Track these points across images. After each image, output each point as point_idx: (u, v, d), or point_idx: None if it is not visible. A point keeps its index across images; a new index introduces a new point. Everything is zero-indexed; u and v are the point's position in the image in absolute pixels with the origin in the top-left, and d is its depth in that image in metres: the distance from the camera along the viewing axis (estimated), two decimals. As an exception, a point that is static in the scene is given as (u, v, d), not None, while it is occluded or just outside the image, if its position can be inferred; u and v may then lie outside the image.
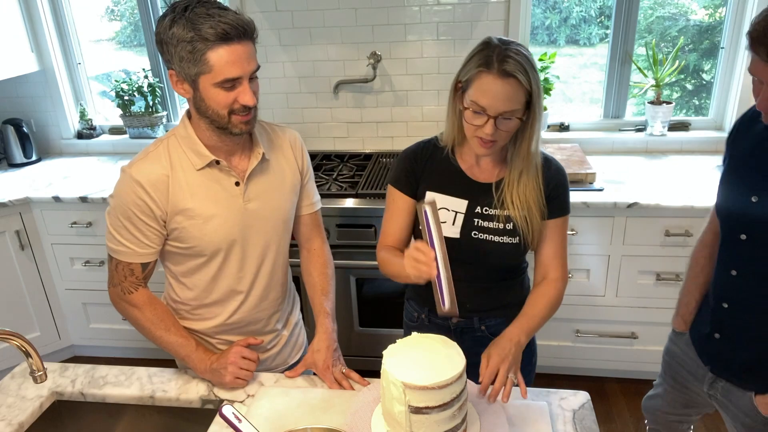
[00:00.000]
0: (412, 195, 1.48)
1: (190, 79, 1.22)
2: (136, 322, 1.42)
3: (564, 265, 1.48)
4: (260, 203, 1.40)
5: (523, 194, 1.39)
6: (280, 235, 1.48)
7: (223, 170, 1.35)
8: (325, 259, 1.60)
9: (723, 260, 1.41)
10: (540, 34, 2.95)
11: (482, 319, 1.53)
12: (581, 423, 1.26)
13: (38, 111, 3.21)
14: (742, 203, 1.32)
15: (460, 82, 1.34)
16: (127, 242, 1.34)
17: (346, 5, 2.77)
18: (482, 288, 1.50)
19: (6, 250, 2.69)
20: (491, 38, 1.30)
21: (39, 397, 1.40)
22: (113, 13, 3.34)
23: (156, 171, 1.31)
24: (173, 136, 1.35)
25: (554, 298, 1.44)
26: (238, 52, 1.19)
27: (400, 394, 1.06)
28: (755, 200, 1.30)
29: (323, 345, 1.46)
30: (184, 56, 1.19)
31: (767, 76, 1.19)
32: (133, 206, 1.30)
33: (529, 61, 1.27)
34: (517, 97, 1.27)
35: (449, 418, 1.09)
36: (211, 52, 1.17)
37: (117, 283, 1.39)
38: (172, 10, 1.19)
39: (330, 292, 1.57)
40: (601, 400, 2.57)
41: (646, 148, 2.83)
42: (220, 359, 1.39)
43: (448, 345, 1.16)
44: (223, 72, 1.19)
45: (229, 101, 1.23)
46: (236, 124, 1.27)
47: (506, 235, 1.42)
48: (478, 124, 1.30)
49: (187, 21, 1.16)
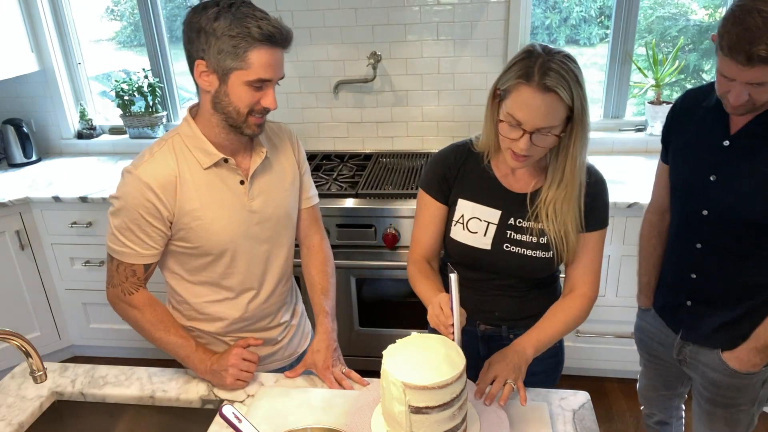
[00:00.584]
0: (443, 201, 1.43)
1: (221, 71, 1.23)
2: (136, 323, 1.41)
3: (595, 282, 1.40)
4: (264, 200, 1.41)
5: (560, 211, 1.32)
6: (285, 231, 1.48)
7: (230, 169, 1.35)
8: (324, 256, 1.59)
9: (685, 235, 1.53)
10: (540, 34, 2.95)
11: (511, 328, 1.49)
12: (581, 423, 1.26)
13: (38, 111, 3.21)
14: (701, 182, 1.44)
15: (498, 90, 1.26)
16: (132, 244, 1.33)
17: (346, 5, 2.77)
18: (511, 297, 1.46)
19: (6, 250, 2.69)
20: (535, 46, 1.21)
21: (39, 397, 1.40)
22: (113, 13, 3.34)
23: (164, 172, 1.30)
24: (177, 135, 1.34)
25: (576, 314, 1.38)
26: (276, 56, 1.24)
27: (400, 394, 1.06)
28: (713, 179, 1.43)
29: (323, 345, 1.46)
30: (224, 49, 1.20)
31: (743, 77, 1.25)
32: (140, 208, 1.29)
33: (574, 74, 1.19)
34: (556, 113, 1.19)
35: (449, 417, 1.09)
36: (253, 50, 1.20)
37: (117, 283, 1.39)
38: (216, 3, 1.21)
39: (330, 290, 1.56)
40: (601, 400, 2.57)
41: (646, 148, 2.83)
42: (220, 360, 1.38)
43: (448, 345, 1.16)
44: (258, 72, 1.22)
45: (253, 101, 1.26)
46: (251, 124, 1.29)
47: (539, 249, 1.36)
48: (512, 138, 1.23)
49: (234, 17, 1.19)
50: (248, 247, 1.41)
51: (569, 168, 1.29)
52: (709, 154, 1.44)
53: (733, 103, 1.30)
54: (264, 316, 1.52)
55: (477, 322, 1.50)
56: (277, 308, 1.54)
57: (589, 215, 1.35)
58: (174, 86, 3.25)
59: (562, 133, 1.24)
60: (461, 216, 1.41)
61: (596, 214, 1.36)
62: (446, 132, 2.92)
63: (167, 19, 3.18)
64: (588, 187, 1.33)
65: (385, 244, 2.43)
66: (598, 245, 1.39)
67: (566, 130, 1.24)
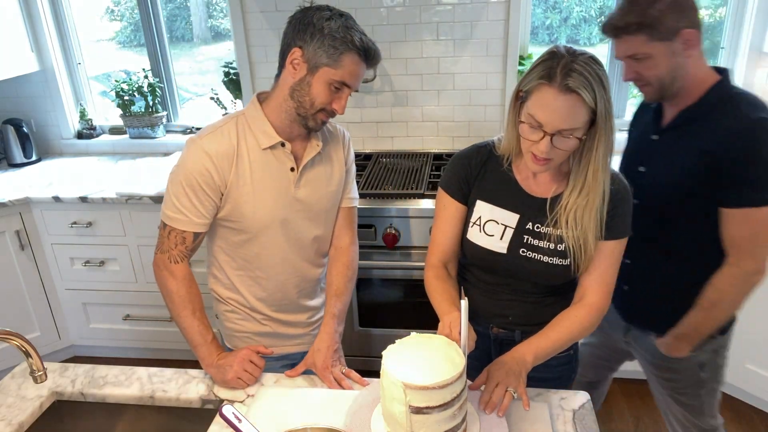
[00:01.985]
0: (463, 201, 1.41)
1: (312, 63, 1.34)
2: (169, 294, 1.45)
3: (607, 293, 1.35)
4: (309, 191, 1.48)
5: (580, 219, 1.29)
6: (323, 224, 1.55)
7: (284, 154, 1.43)
8: (349, 259, 1.62)
9: None
10: (540, 34, 2.95)
11: (524, 333, 1.44)
12: (581, 423, 1.26)
13: (38, 111, 3.21)
14: (633, 173, 1.54)
15: (521, 92, 1.24)
16: (186, 210, 1.40)
17: (346, 5, 2.75)
18: (527, 302, 1.44)
19: (6, 250, 2.69)
20: (559, 47, 1.19)
21: (39, 397, 1.40)
22: (113, 13, 3.34)
23: (224, 144, 1.39)
24: (242, 115, 1.44)
25: (584, 324, 1.33)
26: (361, 69, 1.37)
27: (400, 395, 1.06)
28: (642, 170, 1.55)
29: (324, 345, 1.48)
30: (325, 44, 1.32)
31: (619, 52, 1.43)
32: (197, 175, 1.38)
33: (598, 76, 1.16)
34: (578, 115, 1.17)
35: (450, 417, 1.09)
36: (348, 55, 1.32)
37: (166, 249, 1.44)
38: (329, 8, 1.35)
39: (344, 294, 1.59)
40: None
41: (646, 148, 2.83)
42: (227, 357, 1.42)
43: (448, 345, 1.16)
44: (344, 75, 1.34)
45: (327, 100, 1.36)
46: (317, 120, 1.39)
47: (556, 256, 1.33)
48: (533, 140, 1.21)
49: (343, 24, 1.32)
50: (286, 231, 1.48)
51: (591, 173, 1.25)
52: (641, 147, 1.60)
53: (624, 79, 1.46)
54: (294, 299, 1.59)
55: (490, 325, 1.49)
56: (307, 293, 1.62)
57: (609, 223, 1.31)
58: (174, 86, 3.25)
59: (584, 136, 1.21)
60: (479, 218, 1.39)
61: (617, 223, 1.32)
62: (446, 132, 2.92)
63: (167, 19, 3.18)
64: (611, 194, 1.30)
65: (385, 244, 2.43)
66: (615, 255, 1.34)
67: (589, 134, 1.22)
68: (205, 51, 3.46)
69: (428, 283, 1.42)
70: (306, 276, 1.58)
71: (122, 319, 2.88)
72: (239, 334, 1.60)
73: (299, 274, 1.56)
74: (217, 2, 3.36)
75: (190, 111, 3.38)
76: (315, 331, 1.65)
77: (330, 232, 1.60)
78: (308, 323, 1.65)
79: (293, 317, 1.61)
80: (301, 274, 1.56)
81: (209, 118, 3.21)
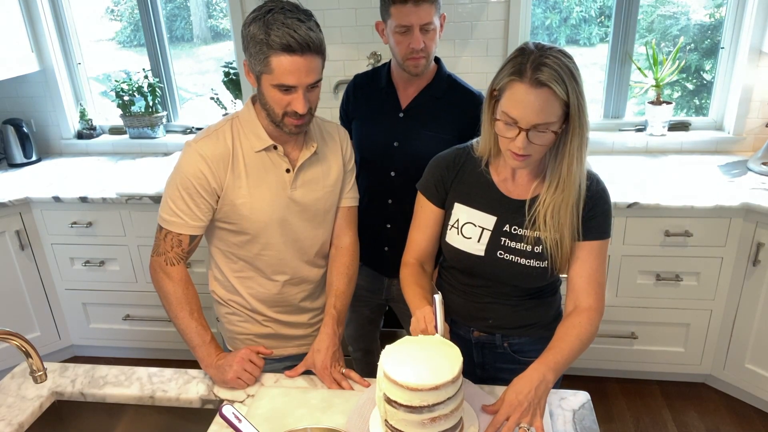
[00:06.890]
0: (440, 205, 1.42)
1: (255, 73, 1.33)
2: (166, 296, 1.45)
3: (599, 294, 1.33)
4: (306, 192, 1.48)
5: (557, 216, 1.28)
6: (322, 224, 1.54)
7: (279, 156, 1.43)
8: (349, 260, 1.61)
9: (378, 193, 1.85)
10: (540, 34, 2.95)
11: (505, 336, 1.45)
12: (581, 423, 1.26)
13: (38, 111, 3.21)
14: (387, 148, 1.79)
15: (494, 90, 1.24)
16: (181, 213, 1.40)
17: (346, 5, 2.77)
18: (507, 305, 1.43)
19: (6, 250, 2.69)
20: (528, 44, 1.20)
21: (39, 397, 1.40)
22: (113, 13, 3.34)
23: (220, 148, 1.39)
24: (236, 118, 1.44)
25: (588, 329, 1.29)
26: (297, 64, 1.27)
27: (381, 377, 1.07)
28: (396, 145, 1.78)
29: (323, 345, 1.47)
30: (253, 53, 1.29)
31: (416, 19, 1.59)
32: (193, 178, 1.38)
33: (568, 69, 1.16)
34: (551, 108, 1.17)
35: (418, 423, 1.07)
36: (274, 57, 1.26)
37: (162, 252, 1.44)
38: (259, 8, 1.29)
39: (344, 294, 1.58)
40: (601, 400, 2.57)
41: (646, 148, 2.83)
42: (227, 357, 1.42)
43: (447, 345, 1.16)
44: (280, 78, 1.28)
45: (284, 103, 1.32)
46: (288, 125, 1.36)
47: (534, 258, 1.33)
48: (509, 137, 1.21)
49: (263, 24, 1.25)
50: (284, 232, 1.48)
51: (566, 167, 1.25)
52: (389, 125, 1.79)
53: (416, 47, 1.62)
54: (295, 300, 1.58)
55: (471, 329, 1.49)
56: (308, 295, 1.61)
57: (587, 223, 1.31)
58: (174, 86, 3.25)
59: (559, 130, 1.21)
60: (456, 220, 1.40)
61: (596, 223, 1.32)
62: (446, 132, 2.92)
63: (167, 19, 3.18)
64: (588, 192, 1.30)
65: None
66: (600, 256, 1.33)
67: (563, 127, 1.22)
68: (205, 51, 3.46)
69: (403, 279, 1.44)
70: (306, 277, 1.57)
71: (122, 319, 2.88)
72: (241, 336, 1.60)
73: (299, 275, 1.55)
74: (217, 2, 3.36)
75: (190, 111, 3.38)
76: (317, 332, 1.65)
77: (329, 232, 1.59)
78: (309, 324, 1.64)
79: (294, 318, 1.61)
80: (301, 275, 1.55)
81: (209, 118, 3.21)
